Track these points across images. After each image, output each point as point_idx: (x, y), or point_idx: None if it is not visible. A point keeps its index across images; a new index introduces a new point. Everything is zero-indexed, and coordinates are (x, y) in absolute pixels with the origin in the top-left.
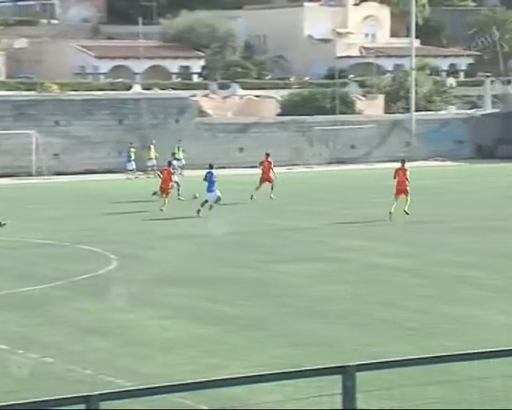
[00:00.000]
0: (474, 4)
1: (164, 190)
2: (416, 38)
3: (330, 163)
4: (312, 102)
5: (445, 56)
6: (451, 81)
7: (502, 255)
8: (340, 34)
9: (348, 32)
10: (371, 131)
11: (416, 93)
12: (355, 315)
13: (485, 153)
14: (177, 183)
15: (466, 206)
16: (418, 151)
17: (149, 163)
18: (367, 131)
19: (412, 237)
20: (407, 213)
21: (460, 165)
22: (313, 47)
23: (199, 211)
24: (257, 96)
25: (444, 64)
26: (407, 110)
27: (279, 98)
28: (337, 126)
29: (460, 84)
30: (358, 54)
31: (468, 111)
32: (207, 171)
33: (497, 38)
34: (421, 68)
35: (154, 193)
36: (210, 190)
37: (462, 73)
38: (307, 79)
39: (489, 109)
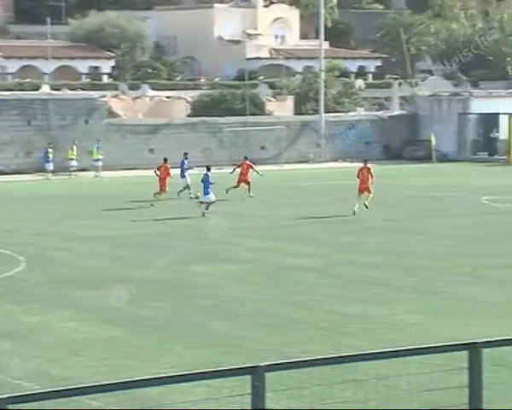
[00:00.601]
0: (381, 7)
1: (161, 188)
2: (325, 40)
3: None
4: (223, 103)
5: (354, 58)
6: (360, 83)
7: (409, 256)
8: (250, 36)
9: (258, 34)
10: (281, 133)
11: (326, 95)
12: (266, 316)
13: (392, 154)
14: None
15: (374, 206)
16: (327, 152)
17: (71, 163)
18: (277, 132)
19: (321, 238)
20: (367, 207)
21: None
22: (223, 48)
23: (204, 214)
24: (167, 97)
25: (352, 66)
26: (316, 112)
27: (189, 99)
28: (247, 128)
29: (368, 86)
30: (268, 55)
31: (377, 113)
32: (204, 173)
33: (405, 40)
34: (330, 70)
35: (155, 194)
36: (206, 192)
37: (370, 75)
38: (217, 80)
39: (397, 111)
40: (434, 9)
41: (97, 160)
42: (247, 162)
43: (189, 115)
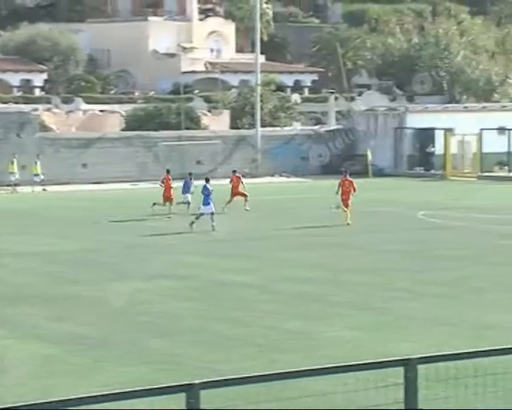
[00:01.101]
0: (317, 21)
1: (167, 199)
2: (262, 53)
3: (178, 179)
4: (157, 117)
5: (290, 72)
6: (296, 97)
7: (347, 271)
8: (185, 49)
9: (193, 47)
10: (217, 147)
11: (262, 109)
12: (203, 332)
13: (329, 169)
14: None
15: (310, 221)
16: (264, 167)
17: (12, 177)
18: (212, 146)
19: (259, 254)
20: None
21: (304, 181)
22: (158, 62)
23: (192, 223)
24: (101, 111)
25: (289, 80)
26: (252, 126)
27: (123, 113)
28: (183, 142)
29: (305, 100)
30: (204, 69)
31: (313, 127)
32: (203, 185)
33: (341, 54)
34: (266, 84)
35: (154, 204)
36: (206, 202)
37: (306, 90)
38: (152, 93)
39: (333, 125)
40: (370, 24)
41: (37, 175)
42: (237, 175)
43: (123, 129)
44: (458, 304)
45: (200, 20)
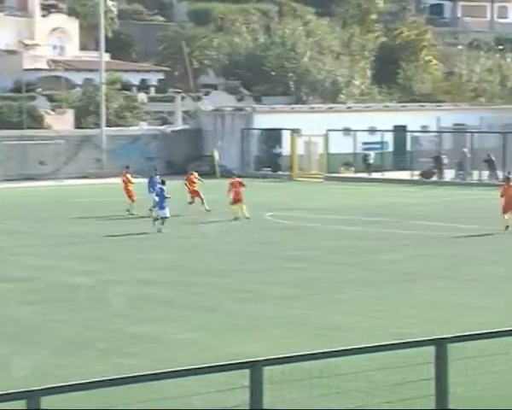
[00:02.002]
0: (163, 19)
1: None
2: (106, 51)
3: (19, 180)
4: None
5: (136, 71)
6: (142, 97)
7: (195, 273)
8: (26, 46)
9: (35, 44)
10: (60, 147)
11: (107, 108)
12: (42, 336)
13: (176, 169)
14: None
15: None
16: (109, 168)
17: None
18: (56, 146)
19: (106, 255)
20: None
21: None
22: None
23: (159, 230)
24: None
25: (135, 79)
26: (97, 126)
27: None
28: (25, 141)
29: (151, 99)
30: (47, 67)
31: (159, 127)
32: (159, 187)
33: (187, 53)
34: (111, 83)
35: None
36: (161, 206)
37: (153, 89)
38: None
39: (180, 126)
40: (216, 23)
41: None
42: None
43: None
44: (305, 305)
45: (43, 16)
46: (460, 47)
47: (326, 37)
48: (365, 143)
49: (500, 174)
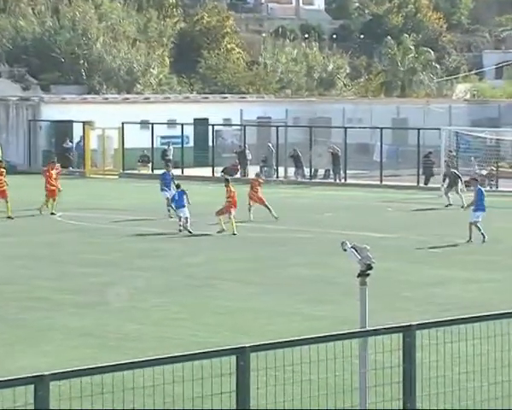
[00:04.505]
0: None
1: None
2: None
3: None
4: None
5: None
6: None
7: None
8: None
9: None
10: None
11: None
12: None
13: None
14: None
15: None
16: None
17: None
18: None
19: None
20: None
21: None
22: None
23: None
24: None
25: None
26: None
27: None
28: None
29: None
30: None
31: None
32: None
33: None
34: None
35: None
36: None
37: None
38: None
39: None
40: None
41: None
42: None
43: None
44: (101, 314)
45: None
46: (264, 35)
47: (121, 21)
48: (164, 138)
49: (306, 171)
